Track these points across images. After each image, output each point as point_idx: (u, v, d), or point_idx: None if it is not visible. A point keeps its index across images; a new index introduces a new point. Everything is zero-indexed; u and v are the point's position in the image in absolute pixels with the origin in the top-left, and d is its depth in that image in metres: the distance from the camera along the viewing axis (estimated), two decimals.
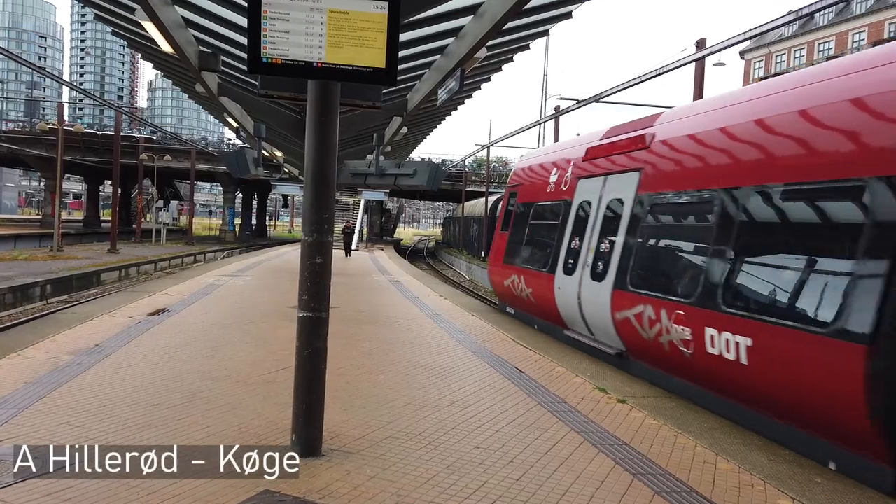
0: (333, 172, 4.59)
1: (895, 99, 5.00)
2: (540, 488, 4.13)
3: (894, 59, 5.21)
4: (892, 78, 5.07)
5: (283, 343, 8.35)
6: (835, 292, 5.04)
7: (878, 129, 5.11)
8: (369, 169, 15.83)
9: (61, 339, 8.11)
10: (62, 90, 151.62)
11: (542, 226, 11.42)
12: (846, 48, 47.86)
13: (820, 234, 5.54)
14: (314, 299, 4.47)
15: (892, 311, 4.51)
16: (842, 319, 4.84)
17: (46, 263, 25.64)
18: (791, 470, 4.79)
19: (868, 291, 4.72)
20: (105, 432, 4.71)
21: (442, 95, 8.61)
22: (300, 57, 3.93)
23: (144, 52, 13.22)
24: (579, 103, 18.99)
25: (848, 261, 5.04)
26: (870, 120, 5.19)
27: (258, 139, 14.02)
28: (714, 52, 13.73)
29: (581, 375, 7.39)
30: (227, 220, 61.28)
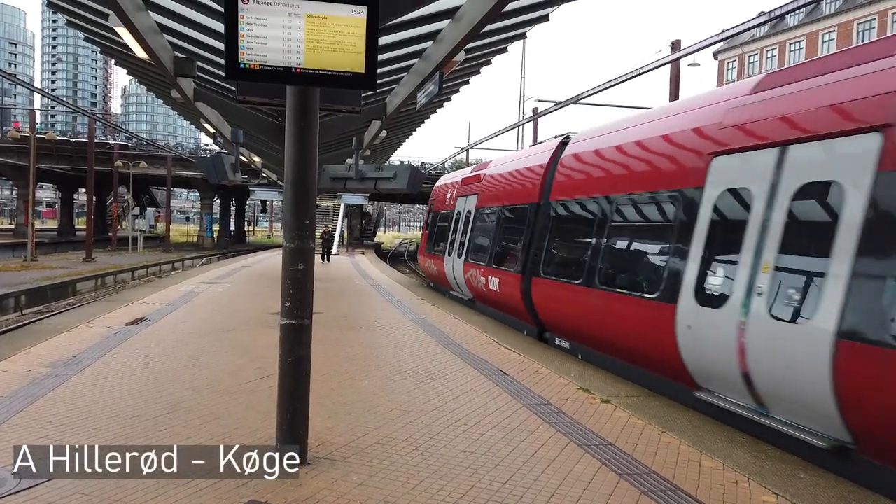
0: (314, 178, 4.55)
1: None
2: (527, 491, 4.13)
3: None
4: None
5: (263, 350, 8.27)
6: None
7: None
8: (349, 173, 15.74)
9: (37, 350, 7.95)
10: (34, 97, 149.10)
11: (442, 227, 17.51)
12: (817, 48, 48.77)
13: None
14: (297, 306, 4.42)
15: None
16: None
17: (20, 274, 25.16)
18: (774, 466, 4.84)
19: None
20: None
21: (421, 99, 8.59)
22: (279, 62, 3.89)
23: (118, 59, 13.05)
24: (557, 105, 19.07)
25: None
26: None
27: (235, 144, 13.86)
28: (689, 54, 13.90)
29: (565, 376, 7.41)
30: (204, 227, 60.64)
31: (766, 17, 12.51)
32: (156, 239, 58.21)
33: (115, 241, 46.67)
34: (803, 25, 50.81)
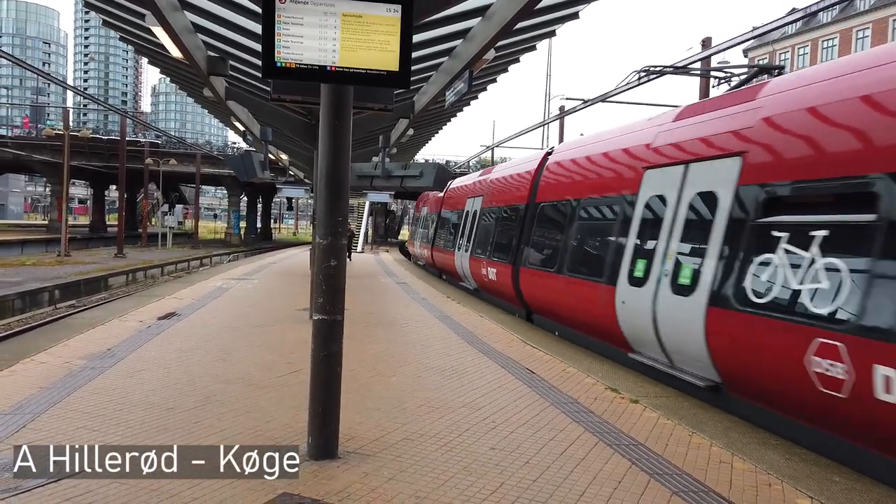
0: (347, 175, 4.60)
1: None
2: (557, 489, 4.13)
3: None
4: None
5: (293, 346, 8.37)
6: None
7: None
8: (375, 171, 15.82)
9: (73, 343, 8.15)
10: (66, 95, 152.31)
11: (421, 224, 26.75)
12: (850, 45, 47.72)
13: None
14: (329, 302, 4.48)
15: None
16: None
17: (54, 269, 25.75)
18: (808, 469, 4.77)
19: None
20: (122, 436, 4.74)
21: (450, 97, 8.59)
22: (314, 61, 3.94)
23: (152, 58, 13.25)
24: (585, 103, 18.98)
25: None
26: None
27: (265, 143, 14.01)
28: (719, 52, 13.73)
29: (592, 376, 7.39)
30: (232, 224, 61.43)
31: (798, 15, 12.32)
32: (184, 235, 59.13)
33: (146, 238, 47.50)
34: (836, 22, 49.72)
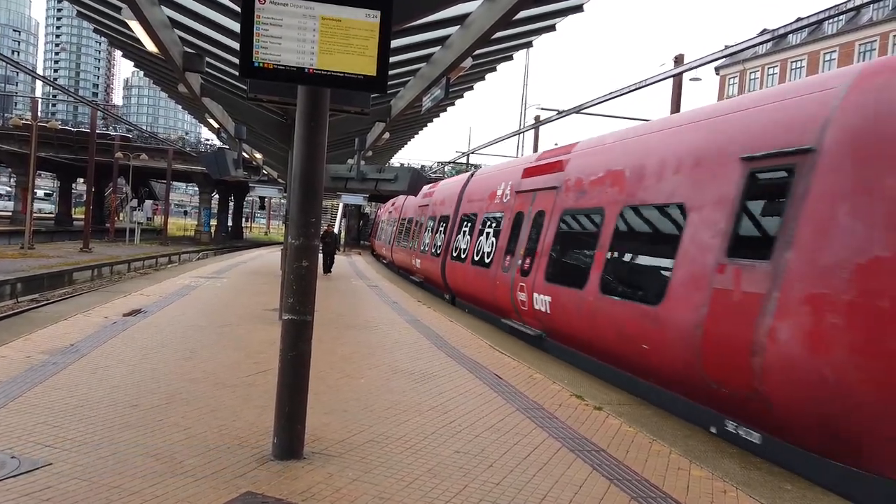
0: (321, 176, 4.63)
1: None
2: (519, 493, 4.20)
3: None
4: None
5: (261, 346, 8.33)
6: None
7: None
8: (350, 173, 15.85)
9: (35, 338, 7.99)
10: (35, 85, 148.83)
11: (384, 226, 31.44)
12: (818, 67, 49.05)
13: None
14: (300, 302, 4.50)
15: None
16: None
17: (16, 261, 25.15)
18: (762, 477, 4.92)
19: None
20: (84, 433, 4.68)
21: (426, 103, 8.67)
22: (292, 62, 3.97)
23: (126, 51, 13.08)
24: (559, 114, 19.22)
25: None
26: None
27: (239, 141, 13.93)
28: (691, 69, 14.05)
29: (558, 382, 7.49)
30: (202, 221, 60.63)
31: (768, 36, 12.65)
32: (153, 232, 58.20)
33: (113, 233, 46.70)
34: (805, 44, 51.11)
